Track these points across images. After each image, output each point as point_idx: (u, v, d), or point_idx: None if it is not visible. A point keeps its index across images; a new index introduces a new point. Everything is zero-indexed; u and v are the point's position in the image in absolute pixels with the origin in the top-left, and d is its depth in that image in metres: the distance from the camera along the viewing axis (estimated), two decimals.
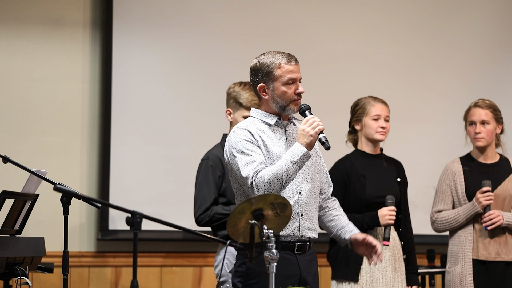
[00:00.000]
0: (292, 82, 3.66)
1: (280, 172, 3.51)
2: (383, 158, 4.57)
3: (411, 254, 4.54)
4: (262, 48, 5.71)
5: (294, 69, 3.67)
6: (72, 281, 5.38)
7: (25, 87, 5.44)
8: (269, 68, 3.67)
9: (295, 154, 3.52)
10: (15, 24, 5.46)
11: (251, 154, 3.59)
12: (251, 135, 3.64)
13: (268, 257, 3.05)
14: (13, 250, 3.79)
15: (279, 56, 3.67)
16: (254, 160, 3.58)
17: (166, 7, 5.65)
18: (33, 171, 3.85)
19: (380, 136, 4.48)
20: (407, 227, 4.54)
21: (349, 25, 6.05)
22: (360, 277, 4.36)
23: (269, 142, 3.64)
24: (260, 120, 3.72)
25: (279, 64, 3.66)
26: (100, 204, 3.74)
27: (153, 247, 5.57)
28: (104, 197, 5.41)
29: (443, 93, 6.22)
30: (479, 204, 4.57)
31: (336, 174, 4.45)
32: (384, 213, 4.32)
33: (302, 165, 3.54)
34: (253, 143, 3.63)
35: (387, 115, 4.51)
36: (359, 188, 4.42)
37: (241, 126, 3.69)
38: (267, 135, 3.67)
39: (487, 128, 4.69)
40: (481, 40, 6.32)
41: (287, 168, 3.51)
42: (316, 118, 3.56)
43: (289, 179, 3.52)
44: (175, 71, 5.65)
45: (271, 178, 3.51)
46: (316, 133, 3.52)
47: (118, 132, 5.49)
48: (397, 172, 4.56)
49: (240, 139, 3.62)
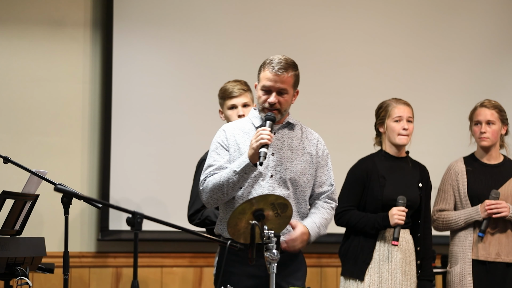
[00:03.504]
0: (268, 90, 3.63)
1: (222, 181, 3.53)
2: (407, 161, 4.53)
3: (427, 261, 4.48)
4: (263, 50, 5.75)
5: (272, 78, 3.61)
6: (73, 282, 5.38)
7: (26, 87, 5.44)
8: (260, 68, 3.70)
9: (239, 164, 3.52)
10: (16, 24, 5.46)
11: (214, 157, 3.65)
12: (225, 136, 3.68)
13: (269, 258, 3.04)
14: (14, 251, 3.79)
15: (270, 59, 3.66)
16: (213, 164, 3.63)
17: (167, 7, 5.65)
18: (34, 171, 3.85)
19: (401, 140, 4.43)
20: (426, 233, 4.48)
21: (352, 27, 6.04)
22: (367, 276, 4.35)
23: (245, 144, 3.64)
24: (249, 121, 3.74)
25: (264, 69, 3.66)
26: (100, 204, 3.74)
27: (153, 247, 5.56)
28: (104, 198, 5.41)
29: (447, 94, 6.22)
30: (483, 212, 4.56)
31: (356, 172, 4.45)
32: (394, 213, 4.29)
33: (246, 175, 3.52)
34: (223, 145, 3.67)
35: (410, 116, 4.46)
36: (377, 189, 4.39)
37: (223, 126, 3.75)
38: (249, 136, 3.66)
39: (492, 128, 4.69)
40: (485, 40, 6.32)
41: (229, 177, 3.51)
42: (265, 131, 3.49)
43: (230, 188, 3.52)
44: (175, 72, 5.65)
45: (214, 186, 3.54)
46: (257, 146, 3.46)
47: (118, 133, 5.49)
48: (419, 177, 4.51)
49: (214, 140, 3.71)
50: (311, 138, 3.81)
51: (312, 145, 3.78)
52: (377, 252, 4.36)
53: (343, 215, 4.39)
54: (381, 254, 4.36)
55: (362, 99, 5.89)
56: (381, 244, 4.37)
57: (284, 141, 3.70)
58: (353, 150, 4.98)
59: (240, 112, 4.39)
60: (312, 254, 5.68)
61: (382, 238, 4.36)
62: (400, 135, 4.43)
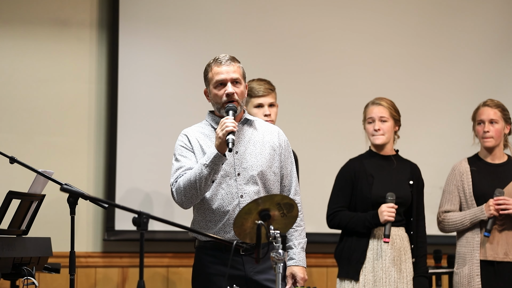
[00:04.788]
0: (221, 84, 3.66)
1: (193, 177, 3.53)
2: (396, 160, 4.54)
3: (421, 258, 4.49)
4: (268, 49, 5.76)
5: (222, 71, 3.65)
6: (79, 282, 5.38)
7: (32, 87, 5.45)
8: (206, 73, 3.74)
9: (207, 157, 3.53)
10: (22, 24, 5.46)
11: (181, 160, 3.65)
12: (188, 140, 3.69)
13: (275, 258, 3.04)
14: (20, 251, 3.80)
15: (213, 59, 3.70)
16: (181, 166, 3.63)
17: (173, 8, 5.65)
18: (40, 171, 3.85)
19: (375, 140, 4.47)
20: (419, 230, 4.49)
21: (355, 27, 6.04)
22: (362, 276, 4.35)
23: (209, 146, 3.65)
24: (208, 124, 3.76)
25: (210, 67, 3.69)
26: (106, 204, 3.74)
27: (159, 247, 5.57)
28: (110, 198, 5.41)
29: (450, 94, 6.21)
30: (488, 211, 4.55)
31: (345, 173, 4.48)
32: (383, 210, 4.31)
33: (216, 167, 3.52)
34: (187, 148, 3.68)
35: (382, 116, 4.47)
36: (366, 188, 4.42)
37: (183, 131, 3.76)
38: (210, 139, 3.69)
39: (495, 128, 4.68)
40: (489, 40, 6.31)
41: (199, 172, 3.52)
42: (229, 119, 3.51)
43: (203, 182, 3.52)
44: (181, 72, 5.65)
45: (186, 183, 3.55)
46: (223, 134, 3.48)
47: (124, 133, 5.49)
48: (410, 174, 4.52)
49: (177, 145, 3.71)
50: (272, 130, 3.83)
51: (273, 137, 3.80)
52: (371, 251, 4.37)
53: (334, 217, 4.40)
54: (374, 253, 4.36)
55: (366, 99, 5.86)
56: (374, 242, 4.37)
57: (245, 137, 3.72)
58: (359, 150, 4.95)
59: (267, 112, 4.41)
60: (317, 254, 5.68)
61: (375, 237, 4.37)
62: (374, 135, 4.46)
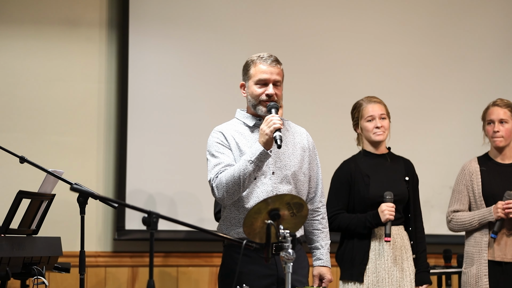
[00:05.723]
0: (263, 83, 3.66)
1: (237, 173, 3.53)
2: (389, 157, 4.53)
3: (421, 254, 4.47)
4: (277, 48, 5.75)
5: (266, 71, 3.66)
6: (89, 281, 5.39)
7: (42, 87, 5.46)
8: (247, 67, 3.73)
9: (252, 154, 3.53)
10: (32, 24, 5.48)
11: (219, 156, 3.64)
12: (224, 137, 3.68)
13: (285, 257, 3.04)
14: (30, 250, 3.80)
15: (258, 55, 3.70)
16: (220, 162, 3.62)
17: (182, 7, 5.66)
18: (50, 171, 3.86)
19: (377, 136, 4.44)
20: (417, 226, 4.48)
21: (363, 28, 6.04)
22: (365, 277, 4.34)
23: (244, 144, 3.66)
24: (241, 122, 3.75)
25: (254, 63, 3.69)
26: (116, 204, 3.75)
27: (169, 247, 5.57)
28: (120, 197, 5.42)
29: (460, 93, 6.20)
30: (496, 213, 4.54)
31: (340, 175, 4.46)
32: (383, 209, 4.29)
33: (261, 163, 3.53)
34: (224, 145, 3.67)
35: (382, 113, 4.44)
36: (363, 188, 4.39)
37: (217, 129, 3.75)
38: (244, 136, 3.69)
39: (505, 127, 4.67)
40: (497, 40, 6.30)
41: (244, 168, 3.51)
42: (275, 117, 3.53)
43: (247, 179, 3.52)
44: (191, 71, 5.66)
45: (229, 179, 3.54)
46: (271, 131, 3.49)
47: (134, 132, 5.50)
48: (405, 171, 4.51)
49: (212, 142, 3.69)
50: (301, 132, 3.87)
51: (303, 138, 3.84)
52: (373, 251, 4.35)
53: (333, 220, 4.39)
54: (376, 253, 4.34)
55: None
56: (375, 243, 4.36)
57: None
58: None
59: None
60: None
61: (376, 237, 4.35)
62: (376, 132, 4.43)
